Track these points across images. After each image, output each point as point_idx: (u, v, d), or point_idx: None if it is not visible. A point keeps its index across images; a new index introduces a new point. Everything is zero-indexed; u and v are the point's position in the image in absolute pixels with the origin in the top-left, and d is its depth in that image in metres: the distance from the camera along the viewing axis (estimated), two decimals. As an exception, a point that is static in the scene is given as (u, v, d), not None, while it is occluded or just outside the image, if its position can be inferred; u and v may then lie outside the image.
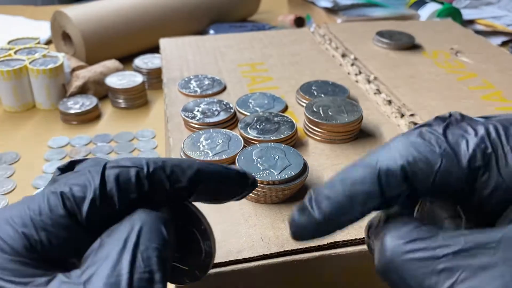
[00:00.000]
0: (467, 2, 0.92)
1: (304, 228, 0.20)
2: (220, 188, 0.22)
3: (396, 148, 0.19)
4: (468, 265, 0.16)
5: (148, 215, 0.19)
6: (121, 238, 0.18)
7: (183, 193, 0.21)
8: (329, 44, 0.58)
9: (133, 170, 0.20)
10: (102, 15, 0.71)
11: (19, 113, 0.62)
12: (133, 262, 0.17)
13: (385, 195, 0.19)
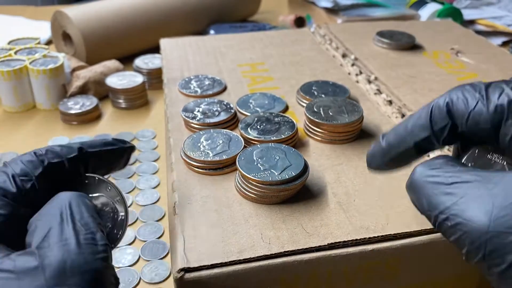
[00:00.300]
0: (468, 2, 0.92)
1: (373, 155, 0.26)
2: (105, 152, 0.27)
3: (450, 91, 0.24)
4: (468, 193, 0.20)
5: (71, 194, 0.23)
6: (56, 214, 0.21)
7: (78, 162, 0.25)
8: (330, 44, 0.58)
9: (30, 152, 0.24)
10: (102, 15, 0.71)
11: (19, 113, 0.62)
12: (75, 229, 0.20)
13: (433, 127, 0.23)
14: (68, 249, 0.19)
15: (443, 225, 0.20)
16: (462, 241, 0.19)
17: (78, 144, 0.26)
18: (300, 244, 0.28)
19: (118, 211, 0.25)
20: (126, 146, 0.28)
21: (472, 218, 0.19)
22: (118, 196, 0.25)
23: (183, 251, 0.28)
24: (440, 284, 0.33)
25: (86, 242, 0.20)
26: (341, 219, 0.30)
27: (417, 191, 0.22)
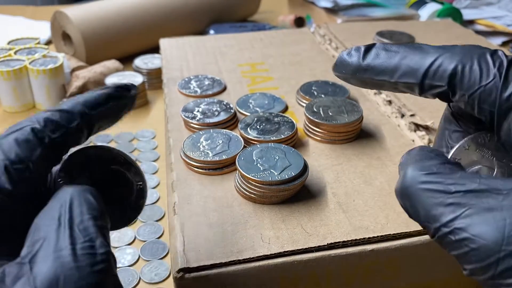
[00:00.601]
0: (467, 2, 0.92)
1: (343, 65, 0.23)
2: (111, 108, 0.24)
3: (465, 52, 0.20)
4: (475, 204, 0.17)
5: (73, 190, 0.20)
6: (55, 217, 0.18)
7: (83, 129, 0.22)
8: (329, 44, 0.58)
9: (27, 128, 0.20)
10: (102, 15, 0.71)
11: (19, 113, 0.62)
12: (71, 236, 0.18)
13: (424, 80, 0.21)
14: (63, 262, 0.17)
15: (446, 238, 0.18)
16: (468, 258, 0.17)
17: (79, 107, 0.22)
18: (299, 244, 0.28)
19: (136, 181, 0.24)
20: (131, 95, 0.25)
21: (482, 234, 0.17)
22: (132, 166, 0.24)
23: (183, 251, 0.28)
24: (440, 284, 0.33)
25: (83, 252, 0.18)
26: (341, 219, 0.30)
27: (412, 199, 0.19)
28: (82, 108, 0.22)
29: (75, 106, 0.22)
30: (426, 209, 0.18)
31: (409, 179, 0.19)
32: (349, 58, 0.23)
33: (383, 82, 0.22)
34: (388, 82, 0.22)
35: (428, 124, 0.40)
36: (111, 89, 0.24)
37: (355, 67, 0.23)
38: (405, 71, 0.21)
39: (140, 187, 0.24)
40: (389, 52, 0.22)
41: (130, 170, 0.24)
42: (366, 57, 0.22)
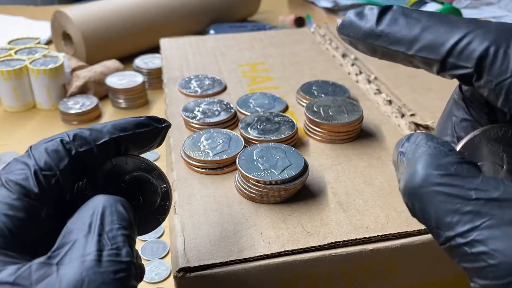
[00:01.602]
0: (467, 2, 0.92)
1: (352, 26, 0.21)
2: (139, 135, 0.24)
3: (505, 29, 0.18)
4: (497, 215, 0.16)
5: (106, 200, 0.21)
6: (86, 222, 0.19)
7: (109, 148, 0.23)
8: (330, 44, 0.58)
9: (57, 140, 0.22)
10: (102, 15, 0.71)
11: (19, 113, 0.62)
12: (99, 242, 0.19)
13: (448, 58, 0.18)
14: (88, 266, 0.18)
15: (459, 249, 0.16)
16: (484, 273, 0.16)
17: (109, 127, 0.23)
18: (300, 243, 0.28)
19: (159, 184, 0.25)
20: (161, 126, 0.25)
21: (504, 250, 0.15)
22: (155, 170, 0.24)
23: (183, 251, 0.28)
24: (440, 284, 0.33)
25: (109, 259, 0.18)
26: (341, 218, 0.30)
27: (423, 201, 0.17)
28: (111, 129, 0.23)
29: (104, 126, 0.23)
30: (439, 214, 0.17)
31: (421, 178, 0.17)
32: (360, 20, 0.20)
33: (397, 53, 0.20)
34: (403, 54, 0.20)
35: (428, 123, 0.40)
36: (142, 117, 0.25)
37: (366, 31, 0.20)
38: (426, 45, 0.19)
39: (164, 190, 0.25)
40: (409, 19, 0.19)
41: (153, 174, 0.24)
42: (381, 21, 0.20)
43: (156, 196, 0.25)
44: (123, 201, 0.21)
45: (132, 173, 0.24)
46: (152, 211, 0.25)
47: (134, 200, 0.24)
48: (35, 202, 0.20)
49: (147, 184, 0.25)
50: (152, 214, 0.25)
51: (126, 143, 0.24)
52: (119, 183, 0.24)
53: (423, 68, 0.20)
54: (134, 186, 0.24)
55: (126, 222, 0.20)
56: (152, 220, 0.25)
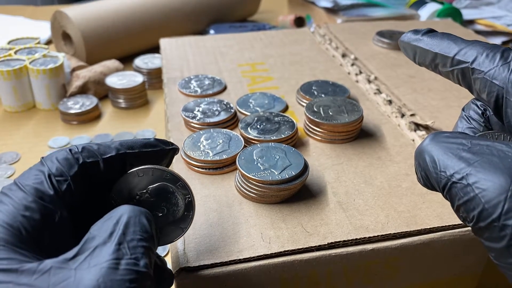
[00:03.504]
0: (467, 2, 0.92)
1: (408, 36, 0.28)
2: (145, 154, 0.25)
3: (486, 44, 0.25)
4: (488, 154, 0.19)
5: (131, 210, 0.21)
6: (108, 231, 0.20)
7: (115, 163, 0.24)
8: (329, 44, 0.58)
9: (66, 149, 0.23)
10: (102, 15, 0.71)
11: (19, 113, 0.62)
12: (118, 251, 0.19)
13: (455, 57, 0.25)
14: (105, 273, 0.18)
15: (457, 185, 0.19)
16: (476, 201, 0.19)
17: (116, 144, 0.24)
18: (300, 243, 0.28)
19: (183, 194, 0.25)
20: (167, 148, 0.26)
21: (491, 177, 0.18)
22: (179, 181, 0.25)
23: (183, 251, 0.28)
24: (440, 284, 0.33)
25: (126, 267, 0.19)
26: (341, 218, 0.30)
27: (432, 153, 0.21)
28: (118, 145, 0.24)
29: (112, 143, 0.25)
30: (443, 159, 0.20)
31: (433, 138, 0.21)
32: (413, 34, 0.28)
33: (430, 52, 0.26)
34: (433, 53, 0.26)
35: (428, 123, 0.40)
36: (150, 139, 0.26)
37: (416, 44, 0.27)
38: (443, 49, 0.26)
39: (188, 200, 0.25)
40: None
41: (177, 185, 0.25)
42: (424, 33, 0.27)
43: (179, 206, 0.25)
44: (147, 213, 0.22)
45: (157, 183, 0.25)
46: (175, 221, 0.25)
47: (158, 210, 0.25)
48: (49, 205, 0.21)
49: (171, 195, 0.25)
50: (175, 224, 0.25)
51: (132, 160, 0.25)
52: (144, 193, 0.25)
53: (440, 68, 0.26)
54: (158, 196, 0.25)
55: (148, 234, 0.21)
56: (175, 230, 0.25)
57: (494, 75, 0.24)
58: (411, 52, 0.28)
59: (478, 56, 0.24)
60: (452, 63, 0.25)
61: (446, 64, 0.26)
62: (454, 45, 0.26)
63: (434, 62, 0.27)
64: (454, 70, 0.25)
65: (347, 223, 0.30)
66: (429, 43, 0.27)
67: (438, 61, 0.26)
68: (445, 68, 0.26)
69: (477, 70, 0.24)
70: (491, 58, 0.24)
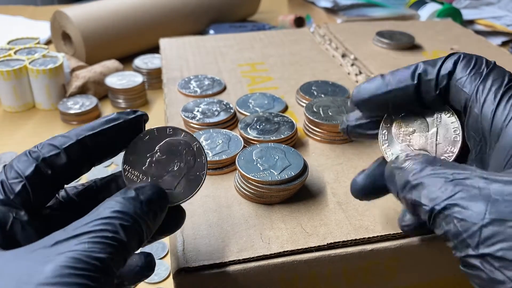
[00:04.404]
0: (467, 2, 0.92)
1: (367, 89, 0.27)
2: (108, 130, 0.24)
3: None
4: (467, 187, 0.20)
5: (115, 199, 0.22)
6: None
7: (80, 150, 0.24)
8: (329, 44, 0.58)
9: (24, 152, 0.23)
10: (102, 15, 0.71)
11: (19, 113, 0.62)
12: None
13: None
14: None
15: (440, 215, 0.20)
16: (456, 230, 0.20)
17: (78, 130, 0.24)
18: (299, 244, 0.28)
19: (191, 143, 0.25)
20: (131, 118, 0.25)
21: (469, 206, 0.19)
22: (182, 132, 0.25)
23: (183, 251, 0.28)
24: (440, 284, 0.33)
25: None
26: (341, 218, 0.30)
27: (417, 186, 0.22)
28: (79, 131, 0.24)
29: (74, 129, 0.24)
30: (427, 192, 0.21)
31: (418, 171, 0.22)
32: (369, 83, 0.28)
33: None
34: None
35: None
36: (112, 114, 0.25)
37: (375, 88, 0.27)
38: None
39: (196, 147, 0.26)
40: None
41: (182, 136, 0.25)
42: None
43: (190, 155, 0.26)
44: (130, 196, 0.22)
45: (163, 141, 0.25)
46: (190, 171, 0.26)
47: (171, 165, 0.25)
48: (1, 207, 0.22)
49: (179, 147, 0.25)
50: (193, 173, 0.26)
51: (97, 140, 0.24)
52: (154, 154, 0.25)
53: (425, 95, 0.26)
54: (168, 153, 0.25)
55: None
56: (195, 179, 0.26)
57: (465, 83, 0.24)
58: (374, 107, 0.28)
59: (456, 62, 0.25)
60: (437, 83, 0.25)
61: (430, 89, 0.26)
62: (431, 66, 0.26)
63: (416, 93, 0.26)
64: (441, 89, 0.25)
65: (347, 223, 0.30)
66: (399, 80, 0.26)
67: (421, 89, 0.26)
68: (429, 94, 0.26)
69: (453, 77, 0.25)
70: (464, 64, 0.24)
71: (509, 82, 0.23)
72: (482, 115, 0.23)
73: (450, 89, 0.25)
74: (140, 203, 0.22)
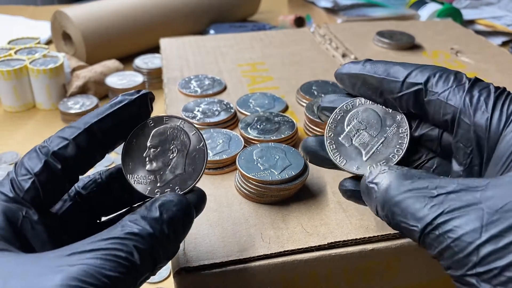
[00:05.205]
0: (467, 2, 0.92)
1: (347, 68, 0.27)
2: (115, 114, 0.24)
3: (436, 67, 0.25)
4: (455, 202, 0.19)
5: None
6: None
7: (89, 139, 0.23)
8: (329, 44, 0.58)
9: (34, 148, 0.23)
10: (102, 15, 0.71)
11: (19, 113, 0.62)
12: None
13: None
14: None
15: (430, 235, 0.20)
16: (450, 251, 0.19)
17: (85, 118, 0.24)
18: (300, 243, 0.28)
19: (176, 124, 0.25)
20: (135, 97, 0.24)
21: (462, 225, 0.18)
22: (163, 118, 0.25)
23: (183, 251, 0.28)
24: (439, 284, 0.33)
25: None
26: (341, 218, 0.30)
27: (400, 205, 0.21)
28: (87, 118, 0.24)
29: (82, 118, 0.24)
30: (413, 212, 0.20)
31: (397, 188, 0.21)
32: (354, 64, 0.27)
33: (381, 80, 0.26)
34: (381, 79, 0.26)
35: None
36: (116, 96, 0.25)
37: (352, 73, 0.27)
38: (392, 74, 0.25)
39: (183, 123, 0.26)
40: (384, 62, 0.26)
41: (180, 123, 0.26)
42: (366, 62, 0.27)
43: (181, 134, 0.26)
44: None
45: (150, 135, 0.25)
46: (191, 147, 0.25)
47: (171, 152, 0.25)
48: (12, 205, 0.22)
49: (167, 133, 0.25)
50: (193, 149, 0.25)
51: (105, 126, 0.24)
52: (149, 151, 0.25)
53: (386, 94, 0.26)
54: (161, 144, 0.25)
55: None
56: (198, 153, 0.25)
57: (448, 96, 0.23)
58: (349, 83, 0.27)
59: (431, 77, 0.24)
60: (401, 87, 0.25)
61: (394, 90, 0.25)
62: (403, 69, 0.25)
63: (378, 90, 0.26)
64: (404, 95, 0.25)
65: (347, 223, 0.30)
66: (372, 70, 0.26)
67: (384, 88, 0.25)
68: (392, 95, 0.25)
69: (430, 92, 0.24)
70: (444, 80, 0.24)
71: (496, 90, 0.23)
72: (476, 125, 0.22)
73: (429, 106, 0.24)
74: (162, 224, 0.21)
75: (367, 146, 0.27)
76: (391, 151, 0.26)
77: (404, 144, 0.26)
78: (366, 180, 0.24)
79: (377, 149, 0.26)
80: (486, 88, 0.23)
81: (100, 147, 0.24)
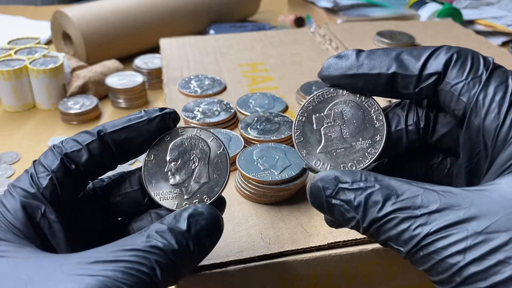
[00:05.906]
0: (467, 2, 0.92)
1: (337, 67, 0.24)
2: (129, 128, 0.24)
3: None
4: (438, 221, 0.19)
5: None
6: None
7: (102, 147, 0.24)
8: (330, 44, 0.58)
9: (51, 147, 0.24)
10: (102, 15, 0.71)
11: (19, 113, 0.62)
12: None
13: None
14: None
15: (416, 256, 0.19)
16: (435, 270, 0.19)
17: (100, 127, 0.24)
18: (300, 243, 0.28)
19: (193, 133, 0.25)
20: (154, 116, 0.24)
21: (446, 246, 0.18)
22: (179, 130, 0.25)
23: (183, 251, 0.28)
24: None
25: None
26: (341, 218, 0.30)
27: (385, 227, 0.20)
28: (100, 128, 0.24)
29: (98, 126, 0.24)
30: (398, 235, 0.19)
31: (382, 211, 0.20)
32: (341, 60, 0.24)
33: (379, 76, 0.23)
34: (384, 76, 0.23)
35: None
36: (137, 111, 0.25)
37: (348, 65, 0.24)
38: (403, 63, 0.22)
39: (199, 132, 0.25)
40: (382, 50, 0.23)
41: (196, 133, 0.26)
42: (359, 55, 0.24)
43: (199, 143, 0.25)
44: None
45: (169, 149, 0.25)
46: (211, 154, 0.25)
47: (193, 163, 0.25)
48: (33, 202, 0.23)
49: (185, 144, 0.25)
50: (214, 155, 0.25)
51: (119, 138, 0.24)
52: (170, 166, 0.25)
53: (401, 90, 0.23)
54: (181, 156, 0.25)
55: None
56: (220, 158, 0.25)
57: (461, 91, 0.21)
58: (348, 84, 0.24)
59: (448, 63, 0.22)
60: (418, 82, 0.22)
61: (408, 86, 0.22)
62: (413, 59, 0.22)
63: (387, 87, 0.23)
64: (422, 88, 0.22)
65: (347, 223, 0.30)
66: (374, 66, 0.23)
67: (395, 84, 0.23)
68: (407, 90, 0.23)
69: (444, 81, 0.22)
70: (460, 67, 0.22)
71: None
72: (485, 130, 0.21)
73: (441, 94, 0.22)
74: (188, 239, 0.21)
75: (331, 141, 0.25)
76: (346, 160, 0.24)
77: (363, 165, 0.24)
78: (325, 194, 0.21)
79: (336, 150, 0.24)
80: (502, 85, 0.21)
81: (112, 159, 0.24)
